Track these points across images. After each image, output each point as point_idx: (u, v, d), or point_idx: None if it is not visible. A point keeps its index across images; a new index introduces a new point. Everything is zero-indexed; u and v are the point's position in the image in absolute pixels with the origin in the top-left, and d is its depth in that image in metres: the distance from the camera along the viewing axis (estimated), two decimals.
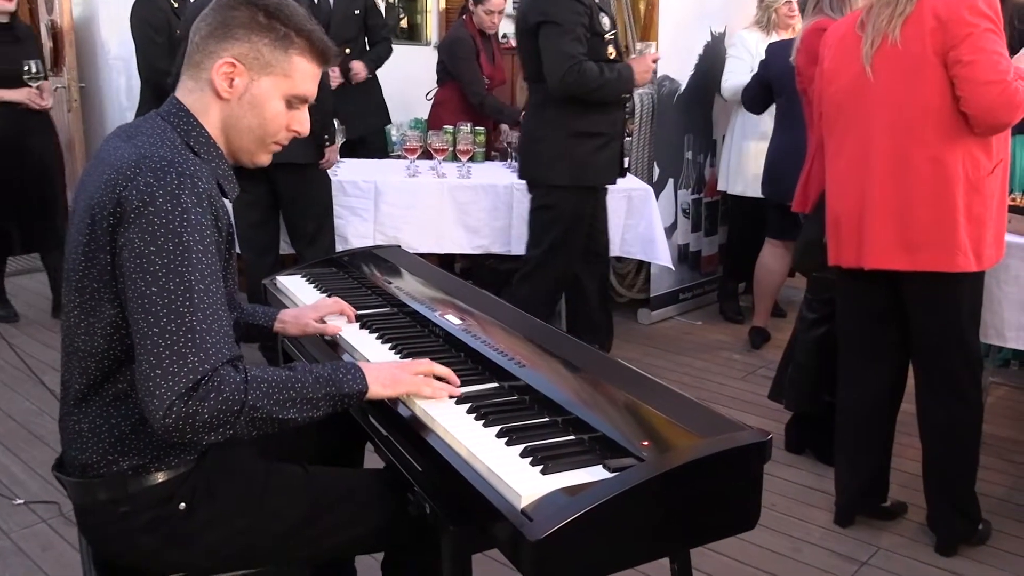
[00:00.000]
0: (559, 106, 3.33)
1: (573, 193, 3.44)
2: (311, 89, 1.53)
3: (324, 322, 1.96)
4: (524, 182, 3.72)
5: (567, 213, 3.47)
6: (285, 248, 3.89)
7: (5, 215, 4.27)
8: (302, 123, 1.55)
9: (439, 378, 1.58)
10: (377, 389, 1.50)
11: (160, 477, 1.47)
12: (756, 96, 4.19)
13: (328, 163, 3.63)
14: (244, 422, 1.36)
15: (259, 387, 1.37)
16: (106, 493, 1.46)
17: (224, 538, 1.51)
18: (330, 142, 3.59)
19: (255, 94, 1.48)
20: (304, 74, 1.51)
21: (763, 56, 4.17)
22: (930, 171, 2.33)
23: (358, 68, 4.71)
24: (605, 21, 3.34)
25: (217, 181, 1.48)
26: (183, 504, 1.48)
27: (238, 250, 3.75)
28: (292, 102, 1.52)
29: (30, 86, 4.26)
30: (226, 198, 1.53)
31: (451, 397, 1.56)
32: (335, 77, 4.49)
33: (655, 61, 3.53)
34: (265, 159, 1.57)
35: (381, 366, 1.55)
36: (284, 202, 3.70)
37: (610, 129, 3.43)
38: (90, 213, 1.39)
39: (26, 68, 4.23)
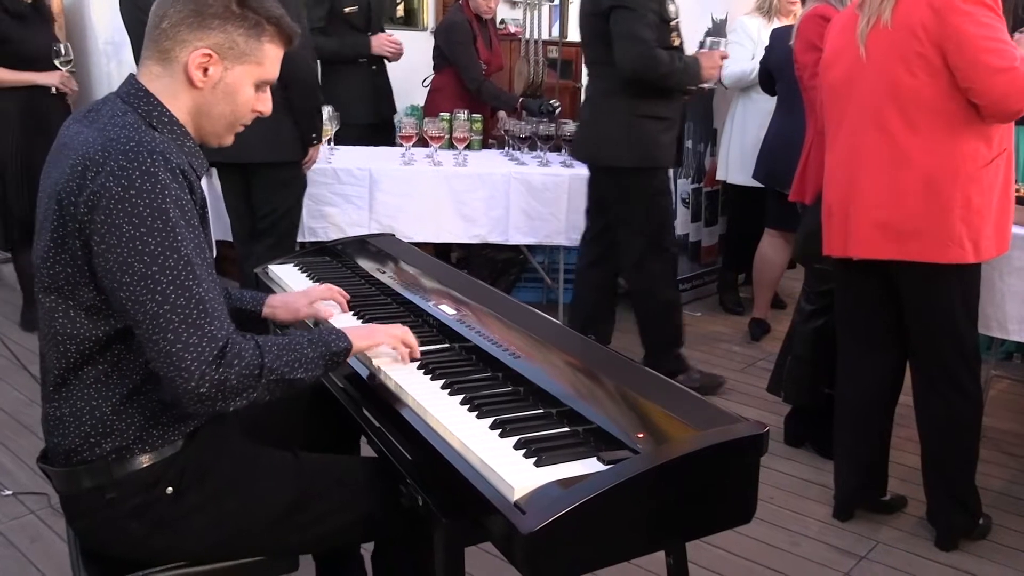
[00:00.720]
0: (625, 89, 3.37)
1: (640, 174, 3.47)
2: (277, 71, 1.57)
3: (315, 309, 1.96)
4: (524, 171, 3.72)
5: (639, 192, 3.49)
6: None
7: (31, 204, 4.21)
8: (266, 103, 1.58)
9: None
10: (359, 343, 1.61)
11: (145, 461, 1.48)
12: (764, 81, 4.20)
13: (311, 162, 3.61)
14: (263, 385, 1.42)
15: (270, 350, 1.45)
16: (91, 480, 1.47)
17: (213, 522, 1.51)
18: (316, 140, 3.53)
19: (229, 83, 1.50)
20: (273, 59, 1.54)
21: (766, 42, 4.16)
22: (921, 159, 2.32)
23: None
24: (671, 8, 3.39)
25: (187, 159, 1.49)
26: (170, 488, 1.49)
27: (228, 238, 3.76)
28: (260, 86, 1.55)
29: (61, 69, 4.09)
30: (196, 175, 1.54)
31: (419, 367, 1.68)
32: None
33: (723, 58, 3.56)
34: (230, 140, 1.60)
35: (359, 327, 1.75)
36: (252, 193, 3.56)
37: (673, 114, 3.49)
38: (57, 199, 1.40)
39: (56, 50, 4.07)
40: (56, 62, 4.09)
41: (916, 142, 2.32)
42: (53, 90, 4.13)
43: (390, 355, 1.70)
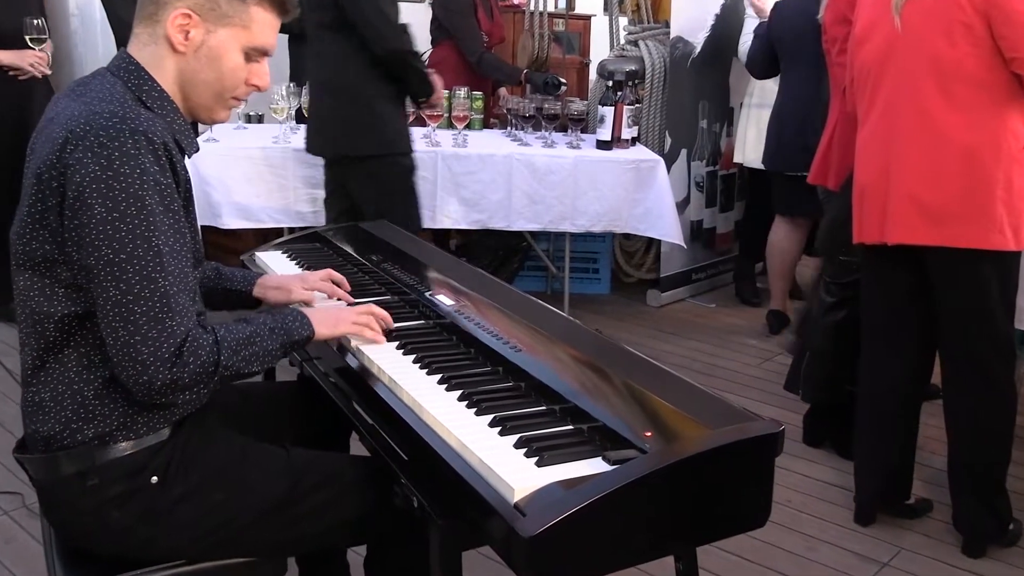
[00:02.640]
0: None
1: None
2: (271, 40, 1.57)
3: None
4: (528, 152, 3.72)
5: None
6: None
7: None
8: (262, 77, 1.58)
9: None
10: (322, 331, 1.66)
11: (129, 448, 1.50)
12: (761, 58, 4.16)
13: (436, 105, 3.64)
14: (216, 381, 1.49)
15: (228, 346, 1.49)
16: (72, 466, 1.48)
17: (198, 515, 1.53)
18: (424, 100, 3.46)
19: (212, 46, 1.51)
20: (263, 25, 1.54)
21: None
22: (963, 138, 2.32)
23: None
24: None
25: (174, 136, 1.51)
26: (155, 478, 1.51)
27: (214, 223, 3.77)
28: (251, 55, 1.55)
29: (32, 48, 3.77)
30: (184, 154, 1.55)
31: (414, 360, 1.69)
32: None
33: None
34: (224, 115, 1.61)
35: (324, 310, 1.75)
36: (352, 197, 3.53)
37: None
38: (36, 173, 1.42)
39: (28, 25, 3.74)
40: (27, 38, 3.79)
41: (956, 119, 2.32)
42: (37, 73, 3.80)
43: (379, 346, 1.72)
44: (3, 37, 3.75)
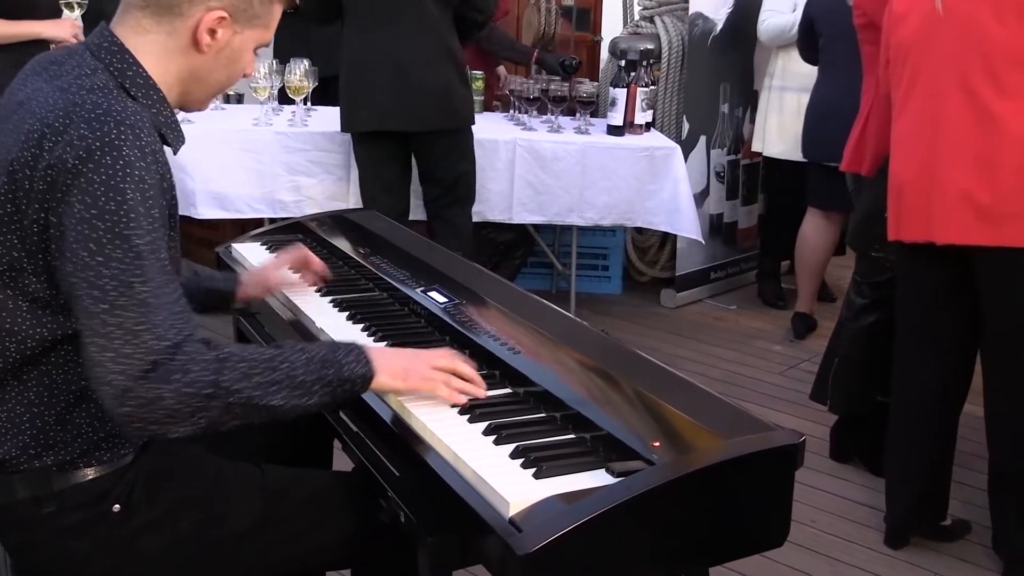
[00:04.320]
0: None
1: None
2: (272, 36, 1.59)
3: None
4: (532, 138, 3.73)
5: None
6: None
7: None
8: (252, 65, 1.60)
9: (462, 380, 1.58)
10: (385, 379, 1.50)
11: (90, 474, 1.49)
12: (804, 42, 4.17)
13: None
14: (219, 408, 1.36)
15: (235, 367, 1.38)
16: (27, 490, 1.48)
17: (165, 545, 1.53)
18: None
19: (235, 48, 1.52)
20: (276, 21, 1.57)
21: None
22: (1016, 125, 2.31)
23: None
24: None
25: (158, 130, 1.49)
26: (117, 505, 1.50)
27: (189, 214, 3.77)
28: (256, 50, 1.57)
29: (70, 16, 3.54)
30: (169, 147, 1.55)
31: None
32: None
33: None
34: (208, 104, 1.63)
35: (395, 352, 1.59)
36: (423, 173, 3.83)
37: None
38: (8, 170, 1.39)
39: None
40: (62, 4, 3.57)
41: (1008, 105, 2.31)
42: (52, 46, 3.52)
43: None
44: (36, 6, 3.51)
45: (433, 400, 1.55)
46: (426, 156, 3.74)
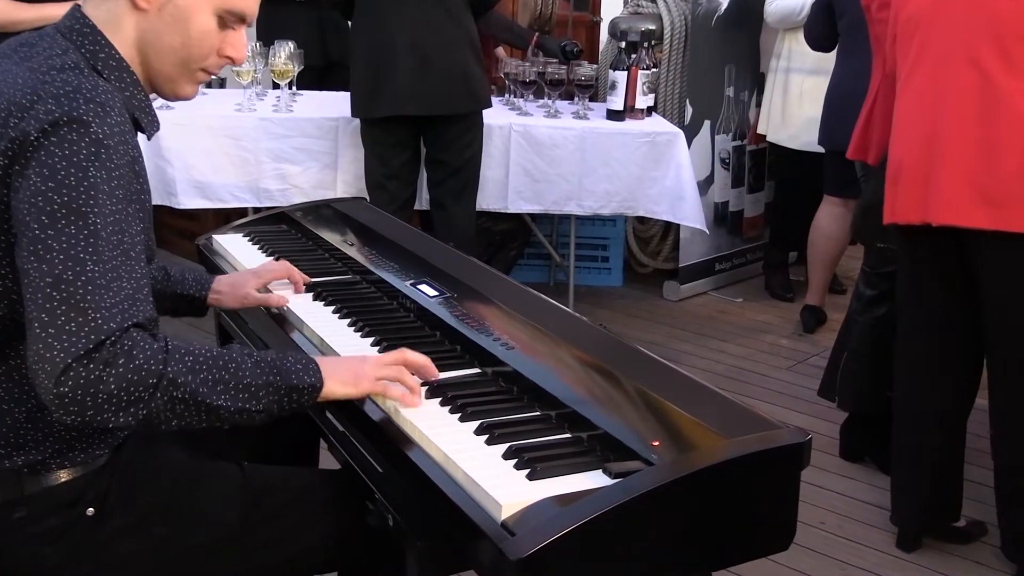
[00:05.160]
0: None
1: None
2: (251, 5, 1.54)
3: (269, 291, 1.97)
4: (528, 123, 3.72)
5: None
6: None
7: None
8: (237, 47, 1.56)
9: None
10: (335, 387, 1.51)
11: (63, 476, 1.49)
12: (820, 26, 4.14)
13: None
14: (161, 401, 1.36)
15: (183, 359, 1.38)
16: None
17: (141, 550, 1.53)
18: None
19: (180, 5, 1.48)
20: None
21: None
22: (1022, 105, 2.31)
23: None
24: None
25: (132, 114, 1.49)
26: (92, 509, 1.50)
27: (163, 202, 3.77)
28: (226, 19, 1.52)
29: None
30: (143, 133, 1.54)
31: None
32: None
33: None
34: (190, 90, 1.57)
35: (341, 361, 1.59)
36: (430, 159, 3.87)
37: None
38: None
39: None
40: None
41: (1016, 83, 2.31)
42: None
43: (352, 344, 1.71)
44: None
45: (423, 400, 1.55)
46: (437, 140, 3.77)
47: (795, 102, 4.47)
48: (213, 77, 1.63)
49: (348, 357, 1.63)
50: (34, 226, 1.33)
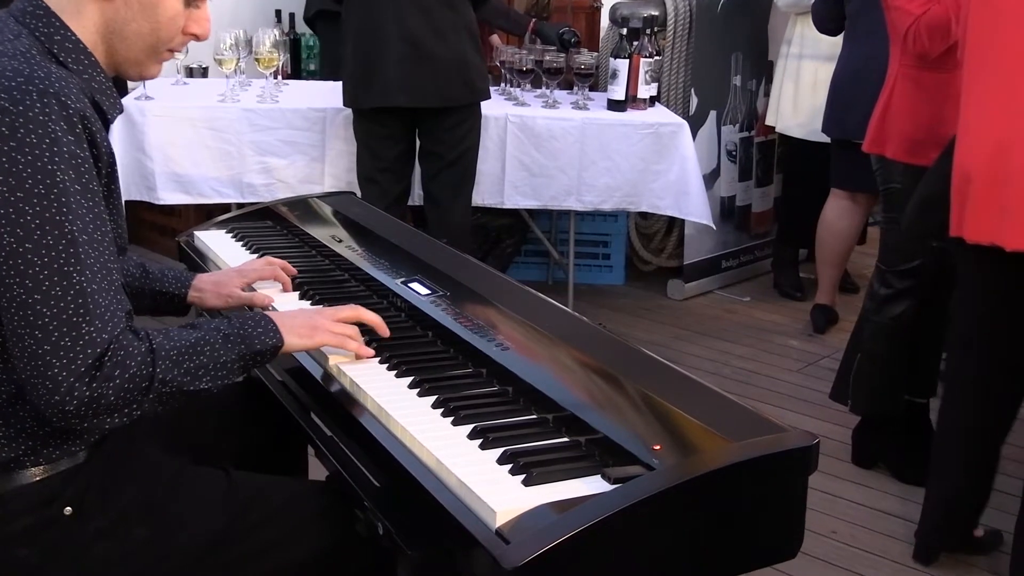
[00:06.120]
0: None
1: None
2: None
3: (253, 291, 1.99)
4: (525, 114, 3.72)
5: None
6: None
7: None
8: (202, 24, 1.59)
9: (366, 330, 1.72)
10: (293, 340, 1.62)
11: (38, 474, 1.50)
12: (827, 8, 4.15)
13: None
14: (152, 399, 1.45)
15: (167, 356, 1.46)
16: None
17: (120, 553, 1.54)
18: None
19: None
20: None
21: None
22: None
23: None
24: None
25: (92, 98, 1.50)
26: (69, 508, 1.51)
27: (139, 197, 3.77)
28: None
29: None
30: (105, 118, 1.55)
31: (381, 360, 1.69)
32: None
33: None
34: (155, 70, 1.61)
35: (296, 313, 1.70)
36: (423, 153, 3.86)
37: None
38: None
39: None
40: None
41: None
42: None
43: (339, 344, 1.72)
44: None
45: (412, 402, 1.56)
46: (432, 132, 3.76)
47: (808, 90, 4.46)
48: (180, 55, 1.64)
49: (304, 310, 1.79)
50: (10, 240, 1.36)
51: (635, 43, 4.21)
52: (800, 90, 4.52)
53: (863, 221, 4.33)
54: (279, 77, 4.19)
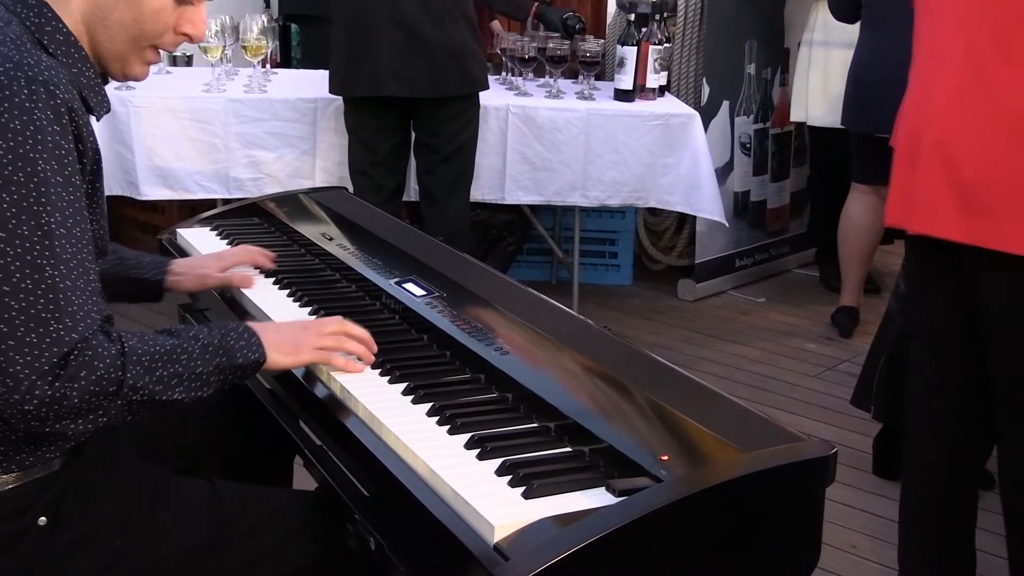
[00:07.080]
0: None
1: None
2: None
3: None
4: (527, 104, 3.73)
5: None
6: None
7: None
8: (196, 24, 1.59)
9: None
10: (276, 357, 1.61)
11: (10, 482, 1.51)
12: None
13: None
14: (120, 406, 1.45)
15: (139, 361, 1.46)
16: None
17: (98, 565, 1.54)
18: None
19: None
20: None
21: None
22: (1017, 104, 2.13)
23: None
24: None
25: (80, 92, 1.52)
26: (44, 518, 1.52)
27: (122, 192, 3.77)
28: None
29: None
30: (92, 114, 1.56)
31: (374, 365, 1.68)
32: None
33: None
34: (139, 70, 1.61)
35: (280, 328, 1.70)
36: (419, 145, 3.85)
37: None
38: None
39: None
40: None
41: (1009, 75, 2.15)
42: None
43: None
44: None
45: (406, 409, 1.56)
46: (427, 123, 3.76)
47: (836, 79, 4.42)
48: (177, 54, 1.64)
49: (288, 323, 1.76)
50: None
51: (644, 29, 4.21)
52: (830, 78, 4.48)
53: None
54: (267, 66, 4.20)
